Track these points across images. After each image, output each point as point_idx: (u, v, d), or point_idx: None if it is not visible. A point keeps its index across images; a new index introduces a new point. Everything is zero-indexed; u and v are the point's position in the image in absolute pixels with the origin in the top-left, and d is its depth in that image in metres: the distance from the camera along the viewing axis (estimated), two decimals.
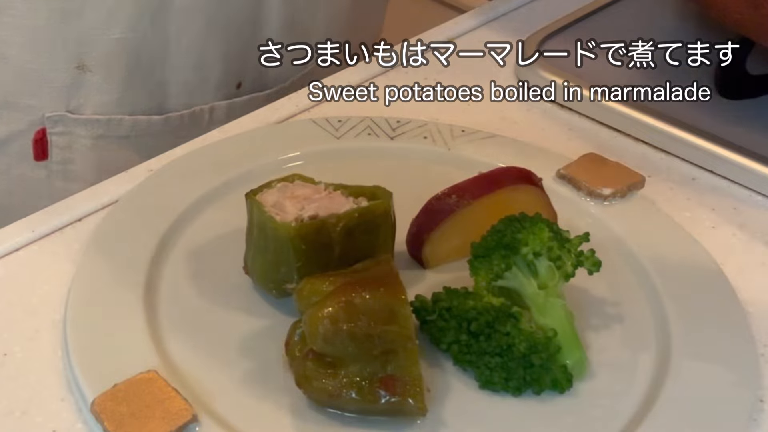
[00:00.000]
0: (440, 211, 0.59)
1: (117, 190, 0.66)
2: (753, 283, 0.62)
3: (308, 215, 0.54)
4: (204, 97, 0.80)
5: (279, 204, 0.55)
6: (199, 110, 0.80)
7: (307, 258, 0.54)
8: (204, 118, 0.81)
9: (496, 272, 0.53)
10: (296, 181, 0.58)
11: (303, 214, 0.54)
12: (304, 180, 0.58)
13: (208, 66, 0.79)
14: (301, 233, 0.53)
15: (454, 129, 0.72)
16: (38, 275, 0.59)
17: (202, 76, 0.79)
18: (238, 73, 0.81)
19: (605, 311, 0.58)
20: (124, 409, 0.49)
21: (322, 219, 0.54)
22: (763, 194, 0.69)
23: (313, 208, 0.55)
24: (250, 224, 0.57)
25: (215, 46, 0.78)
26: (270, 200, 0.56)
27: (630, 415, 0.52)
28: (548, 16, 0.88)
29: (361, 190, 0.57)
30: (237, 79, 0.81)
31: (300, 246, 0.53)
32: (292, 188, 0.57)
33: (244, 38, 0.79)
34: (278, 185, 0.57)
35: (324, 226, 0.54)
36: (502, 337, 0.52)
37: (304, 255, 0.54)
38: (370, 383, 0.49)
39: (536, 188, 0.61)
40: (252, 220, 0.56)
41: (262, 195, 0.56)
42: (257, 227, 0.56)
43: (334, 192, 0.57)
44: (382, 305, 0.49)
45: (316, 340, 0.49)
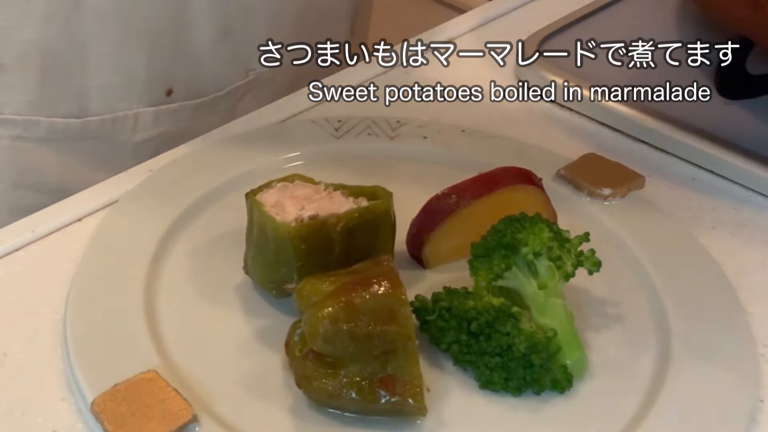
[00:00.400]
0: (440, 211, 0.59)
1: (117, 190, 0.66)
2: (753, 283, 0.62)
3: (308, 215, 0.54)
4: (128, 103, 0.78)
5: (279, 204, 0.55)
6: (123, 116, 0.78)
7: (307, 258, 0.54)
8: (128, 124, 0.78)
9: (496, 272, 0.53)
10: (296, 181, 0.57)
11: (303, 214, 0.54)
12: (304, 180, 0.58)
13: (129, 71, 0.77)
14: (301, 233, 0.53)
15: (454, 129, 0.72)
16: (38, 275, 0.59)
17: (123, 80, 0.77)
18: (166, 79, 0.79)
19: (605, 311, 0.58)
20: (124, 409, 0.49)
21: (322, 219, 0.54)
22: (763, 194, 0.69)
23: (313, 208, 0.55)
24: (250, 224, 0.57)
25: (136, 50, 0.76)
26: (270, 200, 0.55)
27: (630, 415, 0.52)
28: (548, 16, 0.88)
29: (361, 190, 0.57)
30: (166, 86, 0.79)
31: (300, 246, 0.53)
32: (292, 188, 0.57)
33: (170, 44, 0.77)
34: (278, 185, 0.57)
35: (324, 226, 0.54)
36: (502, 337, 0.52)
37: (304, 255, 0.54)
38: (370, 383, 0.49)
39: (536, 188, 0.61)
40: (252, 219, 0.56)
41: (262, 195, 0.56)
42: (257, 227, 0.56)
43: (334, 192, 0.57)
44: (382, 305, 0.49)
45: (316, 340, 0.49)
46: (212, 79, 0.81)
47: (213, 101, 0.81)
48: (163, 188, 0.65)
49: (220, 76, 0.80)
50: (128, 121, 0.78)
